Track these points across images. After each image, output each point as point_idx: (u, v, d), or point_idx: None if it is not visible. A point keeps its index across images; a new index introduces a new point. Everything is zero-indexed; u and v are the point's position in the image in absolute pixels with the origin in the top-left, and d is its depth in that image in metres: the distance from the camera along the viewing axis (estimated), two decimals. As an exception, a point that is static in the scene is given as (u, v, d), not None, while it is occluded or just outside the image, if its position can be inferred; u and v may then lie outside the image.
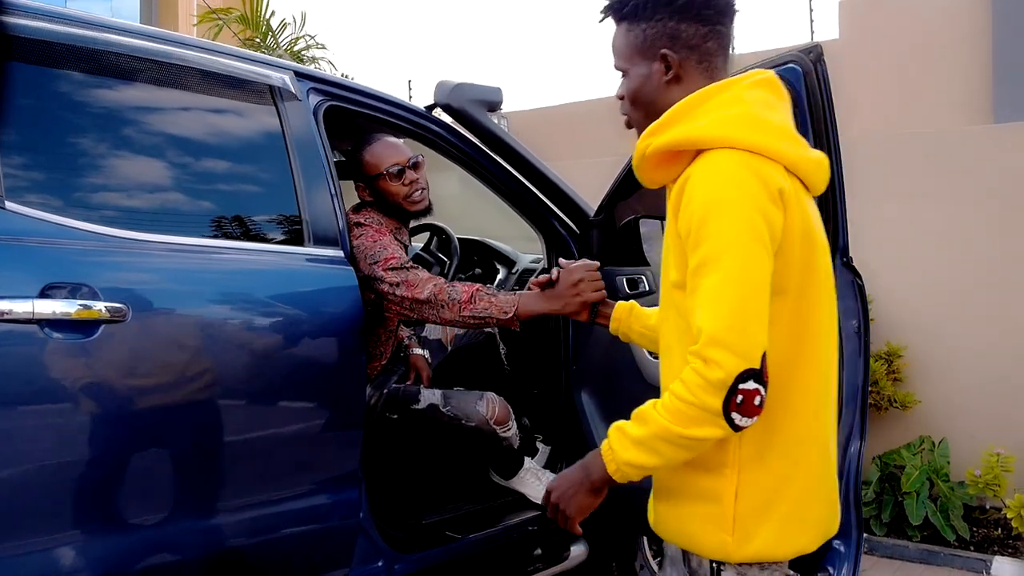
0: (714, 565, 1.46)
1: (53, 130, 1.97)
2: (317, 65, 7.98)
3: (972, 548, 4.17)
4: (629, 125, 1.61)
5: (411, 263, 2.49)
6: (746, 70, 1.57)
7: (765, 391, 1.32)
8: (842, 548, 2.25)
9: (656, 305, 1.73)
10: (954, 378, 4.57)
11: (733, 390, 1.29)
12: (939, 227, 4.63)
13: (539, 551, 3.09)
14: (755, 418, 1.32)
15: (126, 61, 2.08)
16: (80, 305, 1.81)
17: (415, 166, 2.74)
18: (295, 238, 2.32)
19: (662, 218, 3.01)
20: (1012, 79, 7.84)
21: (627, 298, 2.81)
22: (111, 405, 1.88)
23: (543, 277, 2.19)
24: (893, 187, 4.68)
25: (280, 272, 2.25)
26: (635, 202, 3.00)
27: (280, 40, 8.17)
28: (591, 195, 3.12)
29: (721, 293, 1.32)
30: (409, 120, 2.81)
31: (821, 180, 1.50)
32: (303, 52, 8.00)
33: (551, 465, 3.18)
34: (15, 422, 1.76)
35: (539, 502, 2.93)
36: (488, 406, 2.77)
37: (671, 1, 1.49)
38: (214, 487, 2.09)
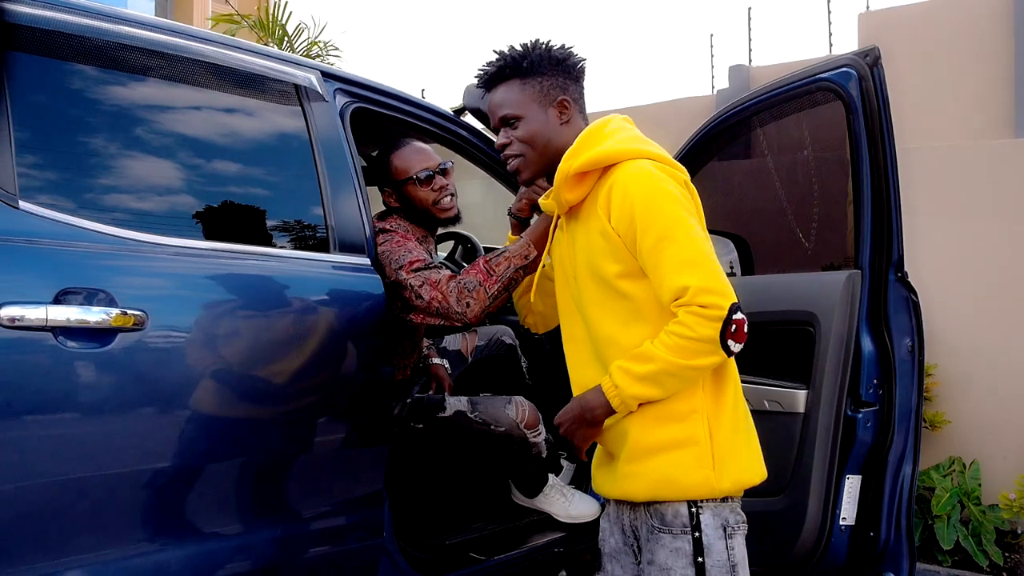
0: (692, 509, 1.68)
1: (70, 128, 1.86)
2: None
3: (1005, 574, 4.05)
4: (516, 168, 1.91)
5: (433, 264, 2.38)
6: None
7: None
8: (893, 579, 2.14)
9: None
10: (985, 397, 4.44)
11: (728, 322, 1.59)
12: (966, 242, 4.52)
13: (564, 573, 2.99)
14: (743, 343, 1.63)
15: (148, 57, 1.98)
16: (96, 312, 1.71)
17: (444, 172, 2.64)
18: (320, 244, 2.21)
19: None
20: (1036, 94, 7.74)
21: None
22: (125, 417, 1.78)
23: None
24: (917, 201, 4.56)
25: (304, 279, 2.14)
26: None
27: (296, 45, 8.09)
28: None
29: (688, 255, 1.63)
30: (437, 124, 2.71)
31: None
32: (318, 58, 7.92)
33: (576, 483, 3.07)
34: (24, 434, 1.65)
35: (566, 520, 2.84)
36: (517, 410, 2.68)
37: (560, 62, 1.88)
38: (234, 505, 1.98)
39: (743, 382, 2.40)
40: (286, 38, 7.95)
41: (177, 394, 1.85)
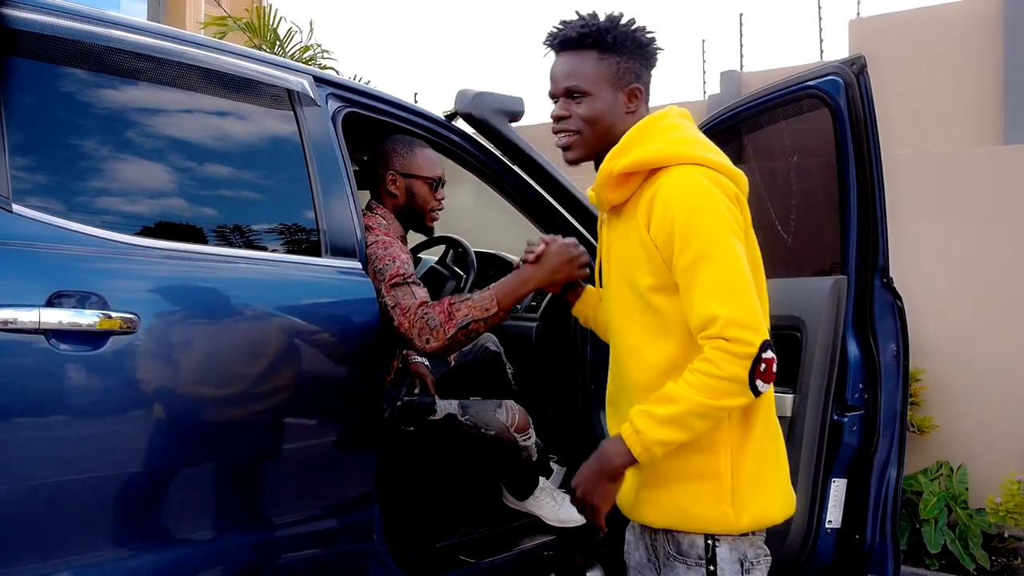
0: (709, 542, 1.62)
1: (64, 131, 1.87)
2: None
3: (991, 578, 4.08)
4: (567, 145, 1.76)
5: (412, 278, 2.39)
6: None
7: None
8: (877, 582, 2.17)
9: None
10: (973, 403, 4.48)
11: (757, 360, 1.49)
12: (954, 247, 4.57)
13: (553, 576, 3.00)
14: (772, 383, 1.54)
15: (143, 61, 2.00)
16: (88, 315, 1.72)
17: (443, 185, 2.74)
18: (312, 248, 2.22)
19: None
20: (1023, 104, 7.81)
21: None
22: (117, 420, 1.79)
23: (533, 255, 2.15)
24: (906, 206, 4.59)
25: (297, 283, 2.16)
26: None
27: (287, 49, 8.10)
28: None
29: (724, 281, 1.52)
30: (429, 129, 2.73)
31: (746, 192, 1.70)
32: (310, 62, 7.93)
33: (566, 486, 3.10)
34: (17, 436, 1.66)
35: (555, 524, 2.86)
36: (508, 414, 2.72)
37: (642, 46, 1.73)
38: (226, 507, 1.99)
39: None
40: (278, 42, 7.96)
41: (169, 397, 1.86)
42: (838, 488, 2.21)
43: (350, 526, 2.23)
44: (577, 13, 1.74)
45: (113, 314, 1.75)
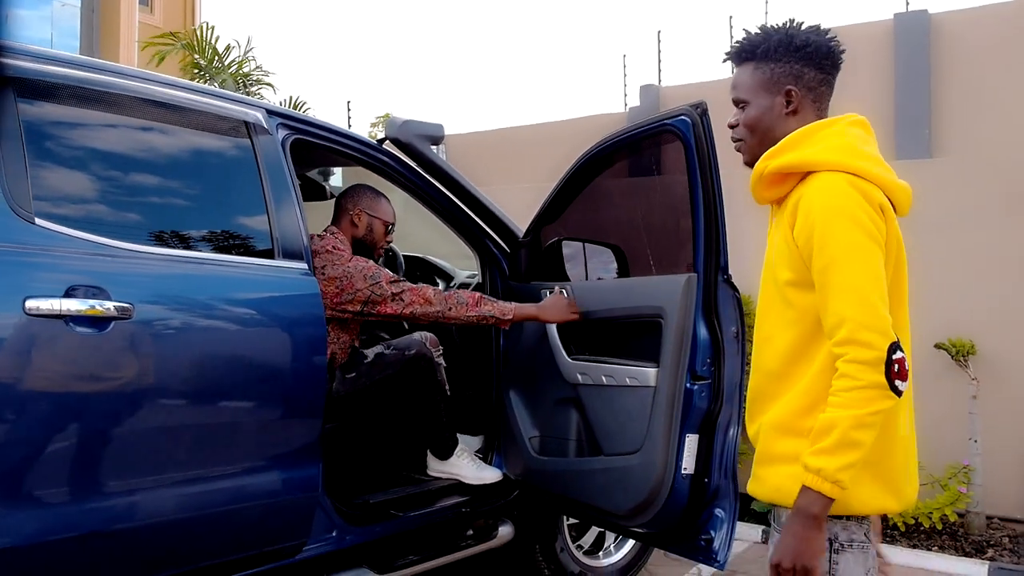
0: None
1: (73, 160, 2.36)
2: (258, 92, 8.27)
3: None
4: (739, 149, 1.90)
5: (398, 277, 3.06)
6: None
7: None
8: (721, 514, 2.72)
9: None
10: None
11: (889, 362, 1.56)
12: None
13: (471, 531, 3.47)
14: (908, 380, 1.59)
15: (136, 103, 2.50)
16: (95, 304, 2.20)
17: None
18: (267, 252, 2.71)
19: (584, 240, 3.47)
20: (912, 122, 8.53)
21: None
22: (119, 386, 2.28)
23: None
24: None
25: (255, 280, 2.66)
26: (559, 226, 3.47)
27: (226, 62, 8.42)
28: (520, 218, 3.57)
29: (854, 285, 1.60)
30: (363, 152, 3.23)
31: (907, 203, 1.78)
32: (250, 76, 8.27)
33: (483, 452, 3.59)
34: (43, 398, 2.15)
35: (474, 482, 3.33)
36: (421, 336, 3.27)
37: (799, 48, 1.79)
38: (199, 461, 2.48)
39: (613, 363, 2.97)
40: (216, 57, 8.31)
41: (159, 369, 2.35)
42: (691, 442, 2.72)
43: (300, 479, 2.71)
44: (744, 31, 1.87)
45: (113, 304, 2.23)
